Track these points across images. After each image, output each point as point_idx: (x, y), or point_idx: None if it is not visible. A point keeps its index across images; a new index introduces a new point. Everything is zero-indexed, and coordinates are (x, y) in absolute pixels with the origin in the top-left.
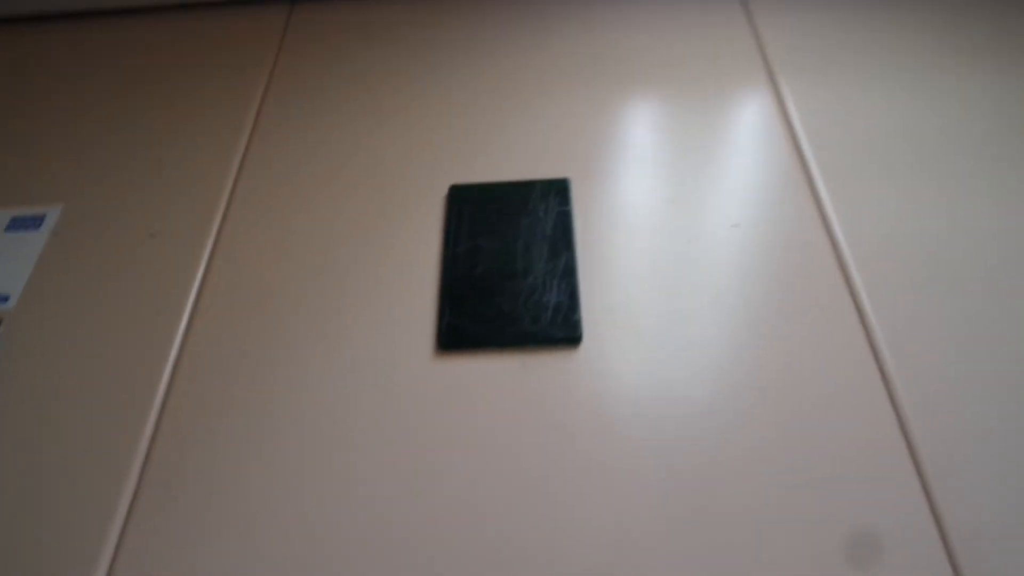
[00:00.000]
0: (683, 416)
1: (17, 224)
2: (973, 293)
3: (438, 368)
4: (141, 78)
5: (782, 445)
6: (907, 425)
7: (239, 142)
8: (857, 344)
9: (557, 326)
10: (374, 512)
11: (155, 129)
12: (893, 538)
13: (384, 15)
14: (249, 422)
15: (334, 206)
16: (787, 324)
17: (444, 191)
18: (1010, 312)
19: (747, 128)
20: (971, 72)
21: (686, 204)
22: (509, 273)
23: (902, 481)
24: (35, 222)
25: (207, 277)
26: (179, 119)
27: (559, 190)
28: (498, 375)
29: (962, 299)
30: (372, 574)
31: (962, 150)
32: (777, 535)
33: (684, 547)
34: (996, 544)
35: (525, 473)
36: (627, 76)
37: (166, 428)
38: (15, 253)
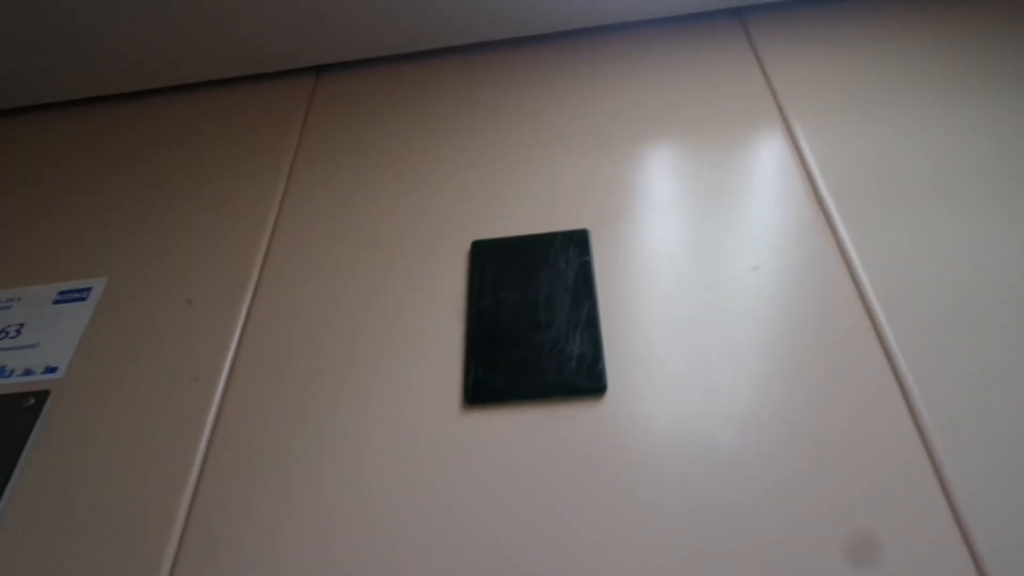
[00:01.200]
0: (710, 461)
1: (65, 296)
2: (1001, 325)
3: (466, 422)
4: (175, 153)
5: (811, 488)
6: (939, 464)
7: (270, 209)
8: (884, 383)
9: (582, 376)
10: (407, 569)
11: (190, 201)
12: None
13: (405, 79)
14: (284, 482)
15: (362, 267)
16: (811, 365)
17: (467, 247)
18: None
19: (762, 171)
20: (985, 99)
21: (704, 249)
22: (533, 325)
23: (935, 519)
24: (82, 294)
25: (242, 341)
26: (212, 190)
27: (579, 240)
28: (525, 427)
29: (990, 332)
30: None
31: (979, 180)
32: None
33: None
34: None
35: (555, 522)
36: (641, 126)
37: (205, 491)
38: (63, 325)
